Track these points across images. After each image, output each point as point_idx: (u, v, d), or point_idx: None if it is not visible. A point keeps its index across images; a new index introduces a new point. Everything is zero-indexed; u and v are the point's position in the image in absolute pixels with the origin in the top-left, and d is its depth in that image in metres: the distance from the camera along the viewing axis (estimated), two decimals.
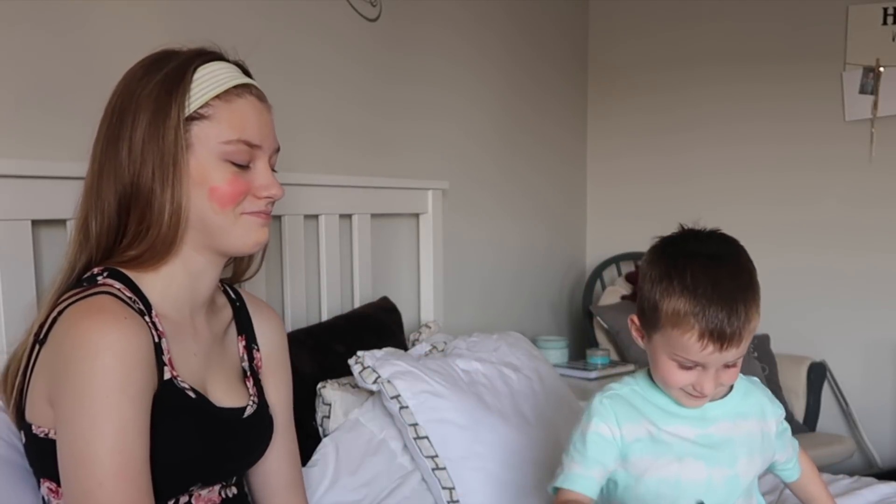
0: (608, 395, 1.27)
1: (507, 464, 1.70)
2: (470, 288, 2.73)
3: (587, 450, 1.23)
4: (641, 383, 1.28)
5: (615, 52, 3.61)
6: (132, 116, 1.06)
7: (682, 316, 1.13)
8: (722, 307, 1.11)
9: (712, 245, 1.19)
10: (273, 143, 1.16)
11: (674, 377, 1.19)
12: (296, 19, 1.96)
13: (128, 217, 1.08)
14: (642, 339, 1.24)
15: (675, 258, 1.17)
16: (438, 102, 2.53)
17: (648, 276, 1.19)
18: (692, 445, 1.23)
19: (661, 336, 1.17)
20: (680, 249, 1.19)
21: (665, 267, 1.17)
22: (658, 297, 1.16)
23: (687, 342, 1.13)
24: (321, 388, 1.71)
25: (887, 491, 1.87)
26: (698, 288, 1.12)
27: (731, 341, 1.13)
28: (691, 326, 1.12)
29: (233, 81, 1.10)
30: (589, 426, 1.24)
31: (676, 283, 1.14)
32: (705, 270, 1.13)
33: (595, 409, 1.25)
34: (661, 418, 1.24)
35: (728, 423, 1.26)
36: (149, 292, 1.09)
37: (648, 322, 1.20)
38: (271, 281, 1.85)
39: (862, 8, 3.21)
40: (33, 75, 1.39)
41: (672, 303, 1.14)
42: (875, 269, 3.15)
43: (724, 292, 1.12)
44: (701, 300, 1.12)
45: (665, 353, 1.18)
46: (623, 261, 3.53)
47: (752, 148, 3.43)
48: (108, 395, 0.96)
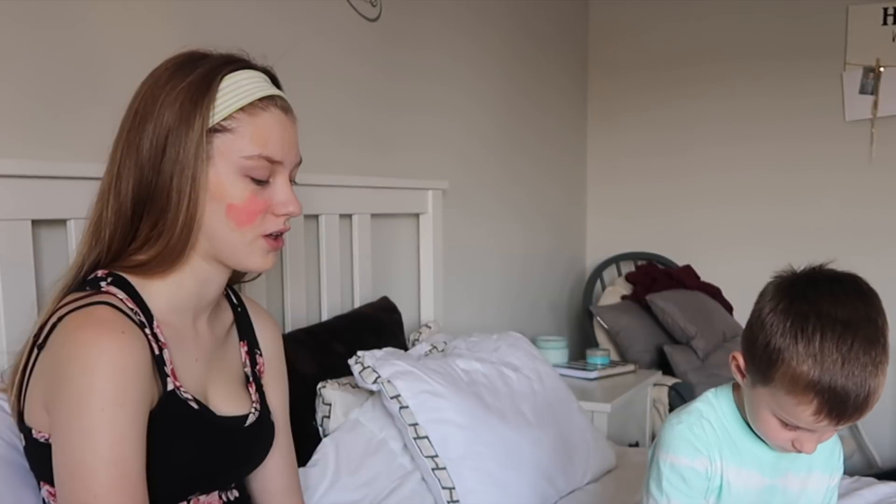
0: (697, 419, 1.18)
1: (507, 464, 1.70)
2: (470, 288, 2.73)
3: (690, 488, 1.16)
4: (724, 408, 1.19)
5: (615, 50, 3.61)
6: (154, 122, 1.05)
7: (801, 386, 1.03)
8: (850, 384, 1.01)
9: (848, 305, 1.05)
10: (295, 157, 1.14)
11: (775, 434, 1.11)
12: (295, 19, 1.95)
13: (141, 221, 1.07)
14: (742, 378, 1.14)
15: (805, 316, 1.04)
16: (439, 101, 2.53)
17: (770, 325, 1.07)
18: (755, 498, 1.18)
19: (770, 393, 1.07)
20: (811, 306, 1.05)
21: (792, 323, 1.05)
22: (777, 355, 1.05)
23: (800, 413, 1.05)
24: (321, 388, 1.71)
25: (887, 491, 1.87)
26: (826, 359, 1.01)
27: (850, 418, 1.04)
28: (810, 400, 1.03)
29: (258, 93, 1.09)
30: (682, 461, 1.16)
31: (802, 347, 1.03)
32: (838, 339, 1.02)
33: (688, 440, 1.16)
34: (735, 458, 1.17)
35: (795, 476, 1.20)
36: (153, 299, 1.08)
37: (757, 372, 1.09)
38: (272, 281, 1.85)
39: (862, 8, 3.21)
40: (33, 75, 1.39)
41: (793, 366, 1.03)
42: (875, 269, 3.14)
43: (855, 368, 1.01)
44: (826, 374, 1.01)
45: (769, 409, 1.09)
46: (623, 261, 3.53)
47: (752, 148, 3.43)
48: (104, 408, 0.95)
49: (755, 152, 3.42)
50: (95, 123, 1.39)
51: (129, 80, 1.14)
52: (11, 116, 1.35)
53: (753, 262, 3.44)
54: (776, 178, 3.39)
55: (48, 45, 1.40)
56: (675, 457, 1.16)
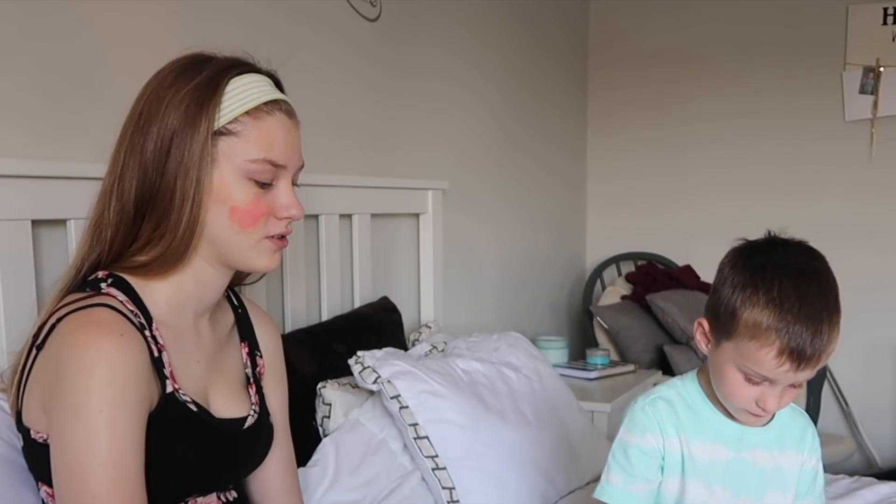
0: (651, 400, 1.22)
1: (507, 464, 1.70)
2: (470, 288, 2.73)
3: (630, 465, 1.20)
4: (690, 388, 1.24)
5: (615, 48, 3.61)
6: (159, 124, 1.05)
7: (763, 329, 1.07)
8: (807, 326, 1.06)
9: (801, 258, 1.13)
10: (298, 161, 1.15)
11: (738, 391, 1.14)
12: (295, 19, 1.96)
13: (143, 222, 1.07)
14: (707, 344, 1.19)
15: (762, 267, 1.11)
16: (439, 101, 2.53)
17: (730, 280, 1.13)
18: (724, 471, 1.20)
19: (734, 345, 1.12)
20: (768, 258, 1.12)
21: (750, 275, 1.11)
22: (739, 305, 1.10)
23: (763, 357, 1.08)
24: (321, 388, 1.71)
25: (887, 491, 1.87)
26: (785, 303, 1.07)
27: (809, 361, 1.08)
28: (771, 342, 1.07)
29: (264, 97, 1.09)
30: (631, 438, 1.20)
31: (762, 293, 1.08)
32: (794, 285, 1.08)
33: (637, 419, 1.21)
34: (698, 434, 1.20)
35: (764, 452, 1.21)
36: (154, 301, 1.08)
37: (721, 328, 1.14)
38: (272, 281, 1.85)
39: (862, 8, 3.21)
40: (33, 75, 1.39)
41: (754, 313, 1.08)
42: (875, 269, 3.15)
43: (811, 311, 1.07)
44: (786, 316, 1.06)
45: (734, 363, 1.13)
46: (623, 261, 3.53)
47: (751, 147, 3.43)
48: (102, 410, 0.95)
49: (755, 151, 3.42)
50: (96, 123, 1.40)
51: (130, 80, 1.14)
52: (11, 116, 1.35)
53: None
54: (776, 178, 3.39)
55: (48, 45, 1.40)
56: (624, 434, 1.22)
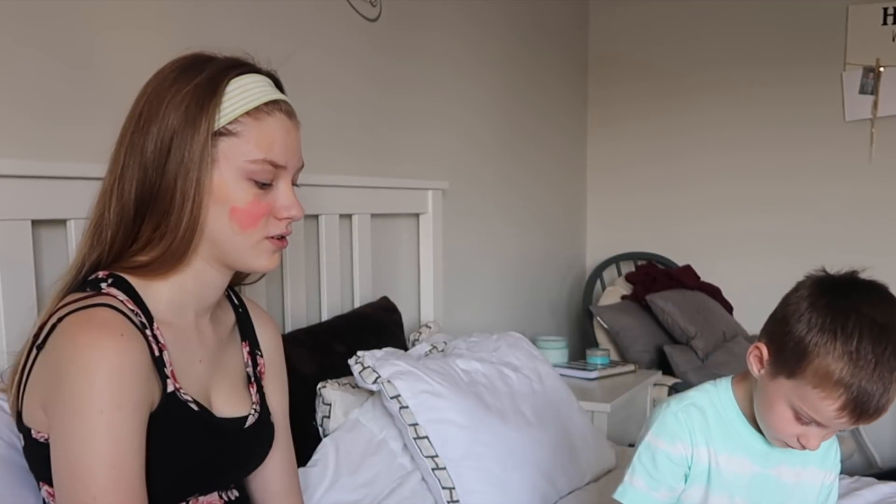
0: (684, 406, 1.20)
1: (507, 464, 1.70)
2: (470, 288, 2.73)
3: (657, 470, 1.19)
4: (723, 398, 1.22)
5: (615, 57, 3.62)
6: (159, 124, 1.05)
7: (832, 381, 1.04)
8: (878, 386, 1.04)
9: (884, 309, 1.08)
10: (298, 161, 1.15)
11: (784, 427, 1.12)
12: (295, 19, 1.96)
13: (143, 222, 1.07)
14: (761, 370, 1.15)
15: (846, 315, 1.06)
16: (439, 101, 2.53)
17: (806, 318, 1.08)
18: (747, 484, 1.20)
19: (794, 385, 1.08)
20: (852, 306, 1.07)
21: (832, 319, 1.06)
22: (812, 348, 1.06)
23: (825, 407, 1.06)
24: (321, 388, 1.71)
25: (887, 491, 1.87)
26: (861, 359, 1.03)
27: (870, 417, 1.06)
28: (837, 395, 1.05)
29: (264, 98, 1.09)
30: (660, 444, 1.19)
31: (840, 343, 1.04)
32: (874, 341, 1.04)
33: (669, 425, 1.19)
34: (727, 446, 1.19)
35: (788, 468, 1.21)
36: (154, 301, 1.08)
37: (784, 363, 1.10)
38: (272, 281, 1.85)
39: (862, 8, 3.21)
40: (33, 76, 1.39)
41: (827, 361, 1.05)
42: (875, 269, 3.14)
43: (885, 370, 1.04)
44: (860, 373, 1.03)
45: (787, 401, 1.10)
46: (623, 261, 3.54)
47: (751, 146, 3.43)
48: (102, 410, 0.96)
49: (755, 150, 3.42)
50: (95, 124, 1.40)
51: (130, 80, 1.14)
52: (11, 117, 1.35)
53: (753, 262, 3.46)
54: (776, 178, 3.39)
55: (48, 46, 1.40)
56: (653, 438, 1.21)
